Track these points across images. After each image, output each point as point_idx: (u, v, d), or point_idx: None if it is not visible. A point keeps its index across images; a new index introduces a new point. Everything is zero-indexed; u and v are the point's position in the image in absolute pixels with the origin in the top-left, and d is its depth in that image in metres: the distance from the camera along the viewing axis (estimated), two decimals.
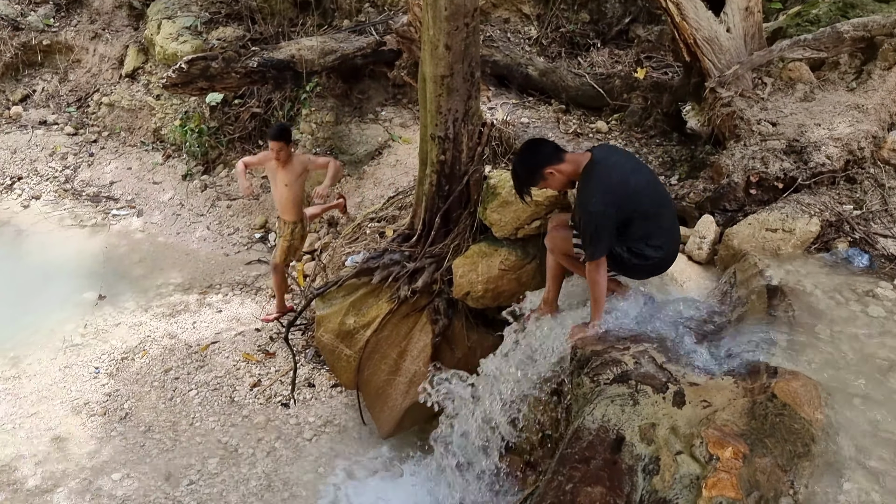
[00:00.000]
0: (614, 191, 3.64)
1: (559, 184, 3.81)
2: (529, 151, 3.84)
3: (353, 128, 8.55)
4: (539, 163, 3.75)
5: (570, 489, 2.54)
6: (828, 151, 4.35)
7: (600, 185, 3.64)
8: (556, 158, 3.73)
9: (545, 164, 3.73)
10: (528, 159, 3.79)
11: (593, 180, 3.65)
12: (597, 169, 3.68)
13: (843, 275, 3.96)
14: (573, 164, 3.74)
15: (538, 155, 3.77)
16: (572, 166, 3.73)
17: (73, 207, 9.33)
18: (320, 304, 6.06)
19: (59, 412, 6.20)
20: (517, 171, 3.87)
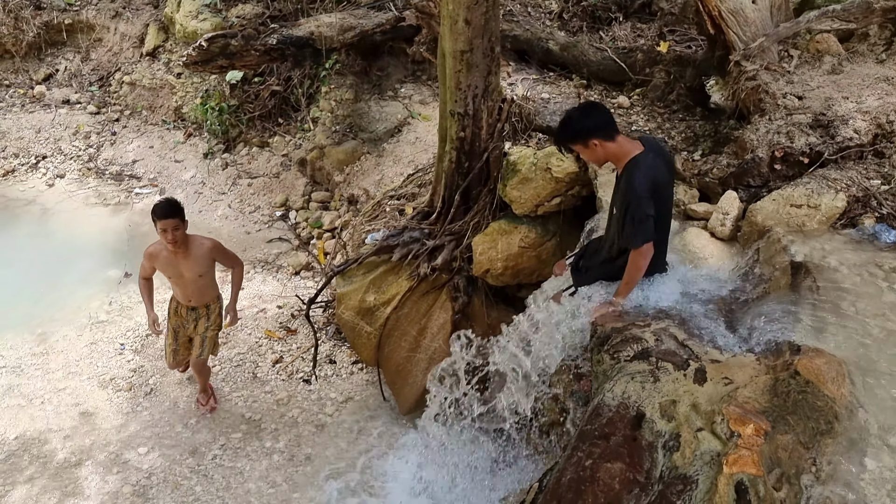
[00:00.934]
0: (659, 188, 3.63)
1: (596, 158, 3.72)
2: (586, 113, 3.70)
3: (373, 105, 8.52)
4: (589, 129, 3.61)
5: (589, 465, 2.54)
6: (855, 125, 4.26)
7: (650, 177, 3.59)
8: (607, 134, 3.62)
9: (594, 133, 3.60)
10: (581, 121, 3.65)
11: (643, 171, 3.58)
12: (648, 160, 3.62)
13: (869, 251, 3.89)
14: (620, 147, 3.64)
15: (592, 121, 3.63)
16: (619, 149, 3.63)
17: (96, 186, 9.42)
18: (340, 281, 6.09)
19: (86, 387, 6.32)
20: (566, 125, 3.72)
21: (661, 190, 3.68)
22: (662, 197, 3.69)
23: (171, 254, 5.12)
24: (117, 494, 5.36)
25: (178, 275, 5.28)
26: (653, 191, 3.58)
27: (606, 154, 3.65)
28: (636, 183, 3.56)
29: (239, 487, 5.43)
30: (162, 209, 4.94)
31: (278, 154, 9.22)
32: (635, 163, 3.61)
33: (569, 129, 3.69)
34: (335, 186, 8.37)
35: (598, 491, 2.43)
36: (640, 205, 3.54)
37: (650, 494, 2.40)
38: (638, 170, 3.58)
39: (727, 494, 2.29)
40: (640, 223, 3.57)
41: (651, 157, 3.65)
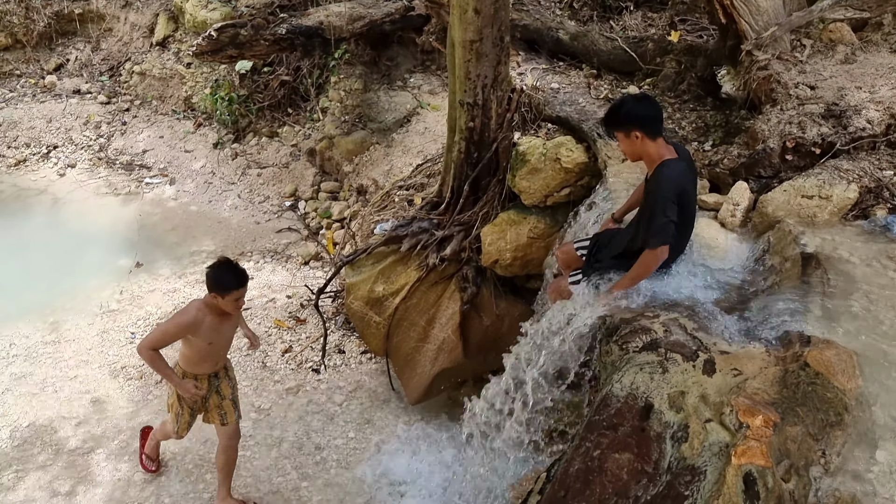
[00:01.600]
0: (685, 196, 3.64)
1: (633, 150, 3.70)
2: (637, 102, 3.70)
3: (382, 95, 8.51)
4: (636, 120, 3.60)
5: (597, 455, 2.55)
6: (868, 115, 4.22)
7: (676, 180, 3.60)
8: (651, 130, 3.60)
9: (640, 125, 3.59)
10: (634, 108, 3.64)
11: (671, 174, 3.59)
12: (681, 167, 3.64)
13: (881, 242, 3.86)
14: (658, 149, 3.64)
15: (643, 111, 3.62)
16: (656, 150, 3.63)
17: (107, 176, 9.46)
18: (350, 271, 6.11)
19: (97, 376, 6.37)
20: (617, 108, 3.70)
21: (687, 197, 3.69)
22: (687, 205, 3.70)
23: (219, 320, 4.43)
24: (129, 481, 5.40)
25: (222, 339, 4.61)
26: (679, 197, 3.58)
27: (645, 150, 3.65)
28: (664, 186, 3.56)
29: (248, 476, 5.46)
30: (239, 276, 4.25)
31: (287, 144, 9.23)
32: (667, 166, 3.61)
33: (618, 113, 3.68)
34: (344, 177, 8.38)
35: (605, 481, 2.43)
36: (666, 207, 3.54)
37: (658, 485, 2.40)
38: (669, 173, 3.59)
39: (735, 486, 2.29)
40: (662, 225, 3.57)
41: (682, 165, 3.67)
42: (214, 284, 4.22)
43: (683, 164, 3.69)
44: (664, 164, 3.62)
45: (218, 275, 4.23)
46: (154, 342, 4.42)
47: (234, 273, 4.23)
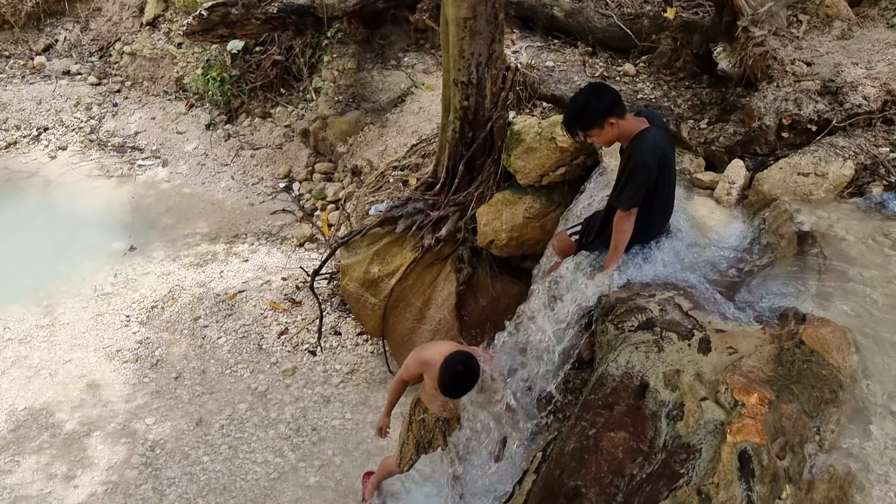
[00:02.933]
0: (664, 161, 3.63)
1: (610, 137, 3.68)
2: (598, 94, 3.64)
3: (376, 74, 8.43)
4: (605, 110, 3.57)
5: (593, 434, 2.55)
6: (865, 91, 4.19)
7: (655, 145, 3.59)
8: (620, 110, 3.59)
9: (610, 113, 3.56)
10: (597, 102, 3.59)
11: (649, 140, 3.58)
12: (653, 132, 3.62)
13: (876, 220, 3.86)
14: (630, 124, 3.62)
15: (606, 101, 3.58)
16: (628, 126, 3.61)
17: (99, 158, 9.39)
18: (345, 253, 6.08)
19: (92, 359, 6.36)
20: (586, 108, 3.63)
21: (667, 161, 3.69)
22: (666, 169, 3.70)
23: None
24: (126, 464, 5.42)
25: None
26: (659, 161, 3.57)
27: (620, 132, 3.61)
28: (646, 151, 3.56)
29: (246, 457, 5.48)
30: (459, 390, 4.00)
31: (281, 125, 9.16)
32: (643, 136, 3.59)
33: (589, 112, 3.61)
34: (338, 157, 8.33)
35: (601, 460, 2.43)
36: (644, 172, 3.55)
37: (653, 463, 2.40)
38: (645, 142, 3.57)
39: (731, 463, 2.29)
40: (637, 189, 3.58)
41: (660, 132, 3.65)
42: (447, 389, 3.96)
43: (661, 131, 3.68)
44: (642, 133, 3.60)
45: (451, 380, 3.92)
46: (401, 373, 4.50)
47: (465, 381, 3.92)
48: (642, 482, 2.33)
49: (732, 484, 2.21)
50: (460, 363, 3.80)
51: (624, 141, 3.67)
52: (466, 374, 3.83)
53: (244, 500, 5.17)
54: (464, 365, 3.80)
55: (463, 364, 3.81)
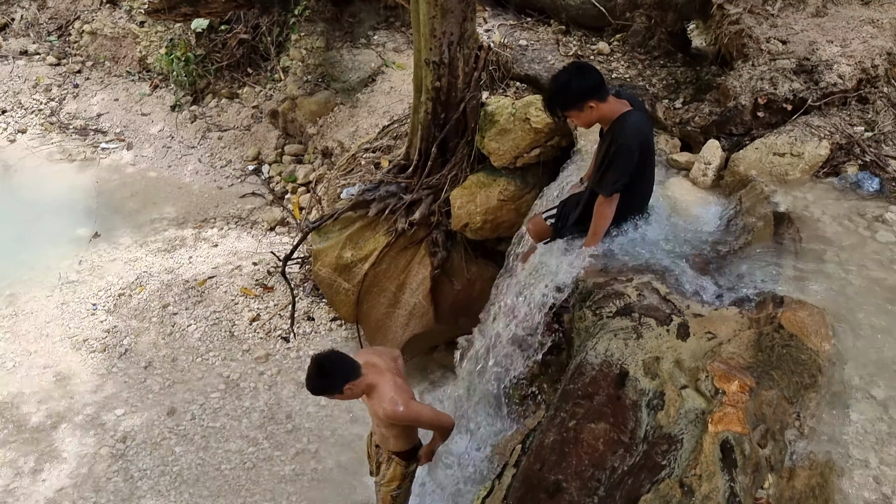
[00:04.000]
0: (645, 139, 3.58)
1: (589, 120, 3.58)
2: (581, 74, 3.50)
3: (345, 53, 8.25)
4: (587, 92, 3.45)
5: (573, 426, 2.50)
6: (840, 70, 4.17)
7: (638, 129, 3.53)
8: (602, 94, 3.49)
9: (591, 95, 3.45)
10: (579, 83, 3.46)
11: (631, 123, 3.51)
12: (635, 115, 3.55)
13: (852, 200, 3.84)
14: (611, 107, 3.52)
15: (589, 82, 3.47)
16: (610, 109, 3.52)
17: (60, 141, 9.11)
18: (316, 237, 5.97)
19: (58, 349, 6.20)
20: (566, 88, 3.50)
21: (648, 146, 3.64)
22: (648, 154, 3.65)
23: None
24: (95, 456, 5.30)
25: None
26: (641, 146, 3.51)
27: (600, 115, 3.52)
28: (627, 136, 3.48)
29: (219, 447, 5.39)
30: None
31: (248, 106, 8.95)
32: (625, 119, 3.51)
33: (570, 93, 3.49)
34: (308, 139, 8.16)
35: (582, 452, 2.39)
36: (626, 156, 3.47)
37: (635, 455, 2.36)
38: (628, 125, 3.49)
39: (713, 454, 2.26)
40: (620, 174, 3.50)
41: (641, 115, 3.59)
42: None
43: (642, 115, 3.62)
44: (624, 116, 3.51)
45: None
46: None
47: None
48: (624, 475, 2.29)
49: (715, 475, 2.18)
50: (313, 360, 3.48)
51: (605, 124, 3.59)
52: (312, 372, 3.47)
53: (219, 491, 5.09)
54: (314, 362, 3.47)
55: (314, 361, 3.48)
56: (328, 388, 3.48)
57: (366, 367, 3.52)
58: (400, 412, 3.44)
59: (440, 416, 3.64)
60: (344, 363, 3.46)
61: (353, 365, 3.45)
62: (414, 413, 3.51)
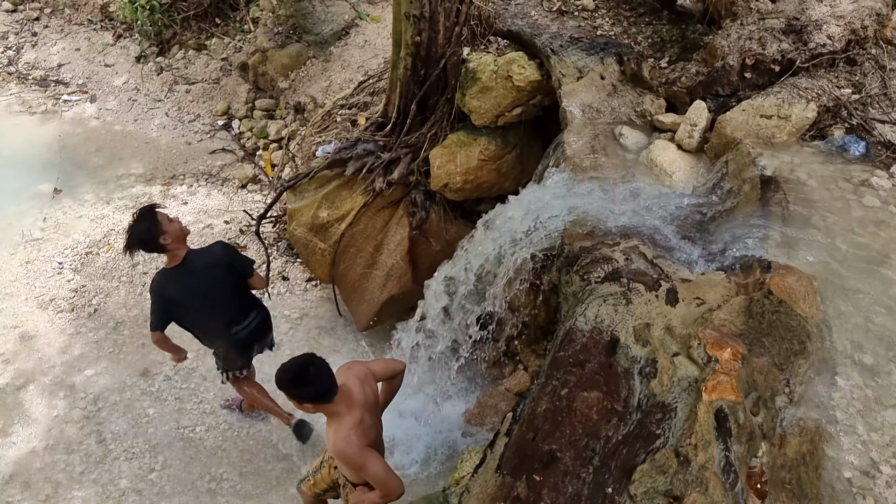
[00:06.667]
0: (162, 291, 4.30)
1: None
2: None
3: (317, 4, 7.97)
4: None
5: (565, 394, 2.46)
6: (829, 31, 4.10)
7: (159, 282, 4.28)
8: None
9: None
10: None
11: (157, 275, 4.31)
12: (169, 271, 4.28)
13: (838, 163, 3.82)
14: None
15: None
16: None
17: (19, 93, 8.73)
18: (291, 196, 5.81)
19: (23, 309, 6.02)
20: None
21: (169, 298, 4.23)
22: (172, 304, 4.27)
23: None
24: (66, 418, 5.19)
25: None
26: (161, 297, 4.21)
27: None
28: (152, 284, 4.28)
29: (194, 408, 5.31)
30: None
31: (217, 58, 8.65)
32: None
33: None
34: (280, 93, 7.92)
35: (575, 422, 2.35)
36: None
37: (629, 424, 2.33)
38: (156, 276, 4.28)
39: (707, 423, 2.24)
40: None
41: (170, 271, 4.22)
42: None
43: (175, 270, 4.19)
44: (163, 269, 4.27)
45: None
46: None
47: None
48: (618, 444, 2.27)
49: (710, 445, 2.16)
50: (301, 360, 3.26)
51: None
52: (292, 370, 3.24)
53: (195, 454, 5.03)
54: (301, 362, 3.24)
55: (302, 361, 3.26)
56: (295, 395, 3.23)
57: (342, 394, 3.26)
58: (349, 453, 3.19)
59: (390, 478, 3.25)
60: (326, 381, 3.19)
61: (331, 386, 3.19)
62: (362, 461, 3.21)
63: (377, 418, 3.52)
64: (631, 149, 4.37)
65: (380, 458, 3.28)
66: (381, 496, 3.28)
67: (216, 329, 4.43)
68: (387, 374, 3.67)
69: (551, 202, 4.02)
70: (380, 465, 3.24)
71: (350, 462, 3.23)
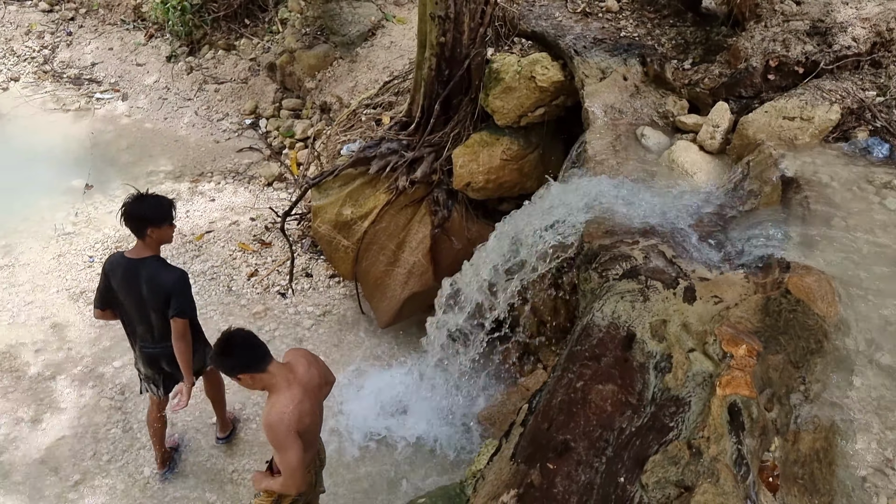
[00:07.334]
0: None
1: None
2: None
3: (345, 6, 8.08)
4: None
5: (580, 387, 2.50)
6: (854, 33, 4.09)
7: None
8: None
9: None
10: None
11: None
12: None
13: (860, 166, 3.81)
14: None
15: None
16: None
17: (54, 90, 8.95)
18: (316, 194, 5.91)
19: (55, 301, 6.17)
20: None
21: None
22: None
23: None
24: (95, 407, 5.32)
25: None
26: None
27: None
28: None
29: None
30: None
31: (246, 58, 8.79)
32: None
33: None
34: (307, 93, 8.04)
35: (590, 413, 2.39)
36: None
37: (642, 416, 2.37)
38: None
39: (720, 416, 2.27)
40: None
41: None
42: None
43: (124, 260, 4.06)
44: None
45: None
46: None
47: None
48: (632, 436, 2.30)
49: (723, 437, 2.19)
50: (223, 334, 3.26)
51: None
52: (217, 345, 3.25)
53: (215, 443, 5.12)
54: (223, 336, 3.25)
55: (223, 335, 3.26)
56: (224, 367, 3.26)
57: (281, 367, 3.27)
58: (275, 428, 3.14)
59: (297, 474, 3.19)
60: (251, 350, 3.21)
61: (259, 356, 3.21)
62: (284, 443, 3.15)
63: (317, 407, 3.45)
64: (653, 149, 4.39)
65: (300, 452, 3.20)
66: (281, 486, 3.26)
67: (130, 334, 4.34)
68: (324, 377, 3.64)
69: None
70: (296, 457, 3.17)
71: (274, 439, 3.18)
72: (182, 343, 4.07)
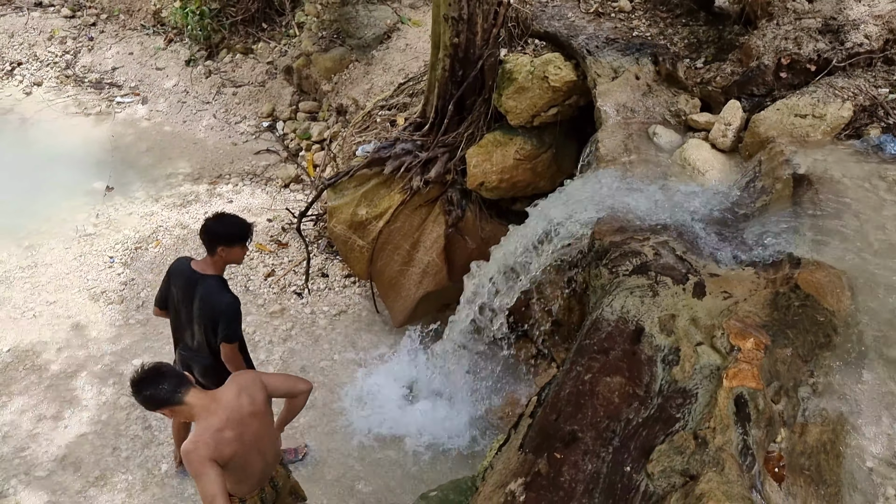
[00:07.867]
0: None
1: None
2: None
3: (361, 9, 8.16)
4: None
5: (588, 379, 2.53)
6: (867, 30, 4.09)
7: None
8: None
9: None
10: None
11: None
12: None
13: (873, 162, 3.80)
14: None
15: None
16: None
17: (76, 94, 9.11)
18: (331, 194, 5.98)
19: (77, 300, 6.29)
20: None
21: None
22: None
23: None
24: (114, 405, 5.41)
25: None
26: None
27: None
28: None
29: None
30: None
31: (263, 61, 8.91)
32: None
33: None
34: (323, 96, 8.13)
35: (597, 404, 2.42)
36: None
37: (650, 408, 2.40)
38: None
39: (727, 408, 2.29)
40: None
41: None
42: None
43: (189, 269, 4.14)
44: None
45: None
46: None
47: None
48: (638, 427, 2.33)
49: (729, 428, 2.21)
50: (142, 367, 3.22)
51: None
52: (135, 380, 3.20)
53: None
54: (142, 370, 3.21)
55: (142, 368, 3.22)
56: (143, 404, 3.20)
57: (202, 397, 3.20)
58: (188, 456, 3.09)
59: (216, 501, 3.06)
60: (159, 386, 3.13)
61: (169, 391, 3.12)
62: (198, 472, 3.07)
63: (248, 436, 3.30)
64: (665, 148, 4.41)
65: (217, 479, 3.08)
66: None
67: (175, 336, 4.41)
68: (284, 390, 3.61)
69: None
70: (212, 486, 3.05)
71: (188, 466, 3.13)
72: (232, 367, 4.09)
